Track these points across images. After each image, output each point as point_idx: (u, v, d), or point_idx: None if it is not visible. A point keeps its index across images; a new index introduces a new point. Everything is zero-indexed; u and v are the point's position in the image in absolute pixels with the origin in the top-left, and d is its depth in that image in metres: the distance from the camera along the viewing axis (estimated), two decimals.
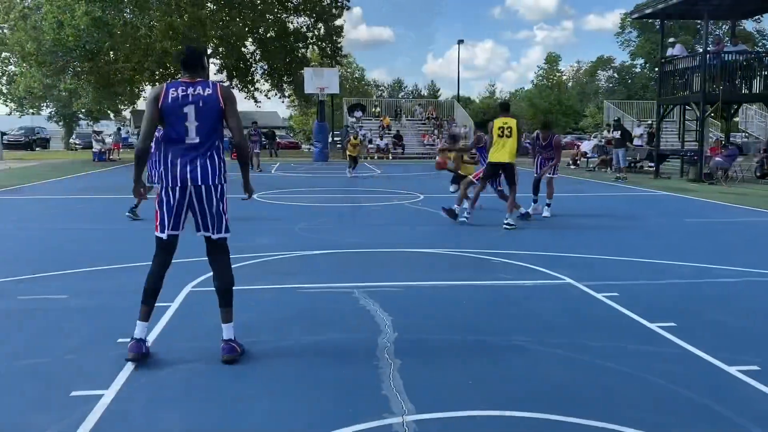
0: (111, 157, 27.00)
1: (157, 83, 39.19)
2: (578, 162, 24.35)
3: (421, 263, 6.71)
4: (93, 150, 26.84)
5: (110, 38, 30.67)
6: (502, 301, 5.21)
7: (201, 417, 3.08)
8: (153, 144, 12.72)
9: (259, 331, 4.39)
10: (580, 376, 3.62)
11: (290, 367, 3.71)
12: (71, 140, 46.60)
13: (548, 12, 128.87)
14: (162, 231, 3.78)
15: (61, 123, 47.83)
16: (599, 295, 5.33)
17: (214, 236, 3.89)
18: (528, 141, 15.05)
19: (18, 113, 43.14)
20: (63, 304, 4.97)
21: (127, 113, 57.61)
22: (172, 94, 3.66)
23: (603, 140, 26.16)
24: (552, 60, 43.02)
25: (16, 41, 32.53)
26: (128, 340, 3.77)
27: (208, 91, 3.69)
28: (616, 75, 65.57)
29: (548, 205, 10.28)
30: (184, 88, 3.68)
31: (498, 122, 8.86)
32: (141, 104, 41.74)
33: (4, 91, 41.40)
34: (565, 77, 43.77)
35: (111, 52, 33.68)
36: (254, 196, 4.05)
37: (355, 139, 21.03)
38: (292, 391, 3.38)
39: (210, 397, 3.31)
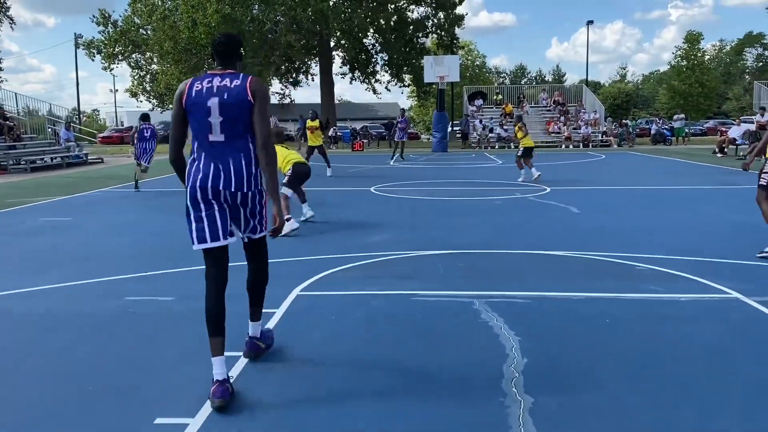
0: None
1: (283, 78, 40.40)
2: (726, 150, 21.94)
3: (551, 268, 5.93)
4: None
5: (238, 34, 31.80)
6: (654, 319, 4.36)
7: None
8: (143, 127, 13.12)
9: (363, 346, 3.88)
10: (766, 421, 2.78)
11: (398, 398, 3.16)
12: None
13: None
14: (200, 242, 3.24)
15: None
16: None
17: (255, 236, 3.50)
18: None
19: (159, 109, 46.08)
20: (168, 307, 4.75)
21: None
22: (197, 87, 3.22)
23: (754, 125, 23.47)
24: (692, 39, 39.21)
25: (156, 41, 34.63)
26: (232, 353, 3.44)
27: (236, 82, 3.21)
28: (766, 53, 59.41)
29: None
30: (210, 79, 3.24)
31: None
32: (273, 99, 43.28)
33: (148, 88, 44.26)
34: (707, 57, 39.79)
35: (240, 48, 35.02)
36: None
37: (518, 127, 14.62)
38: (400, 428, 2.83)
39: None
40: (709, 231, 7.67)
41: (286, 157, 8.17)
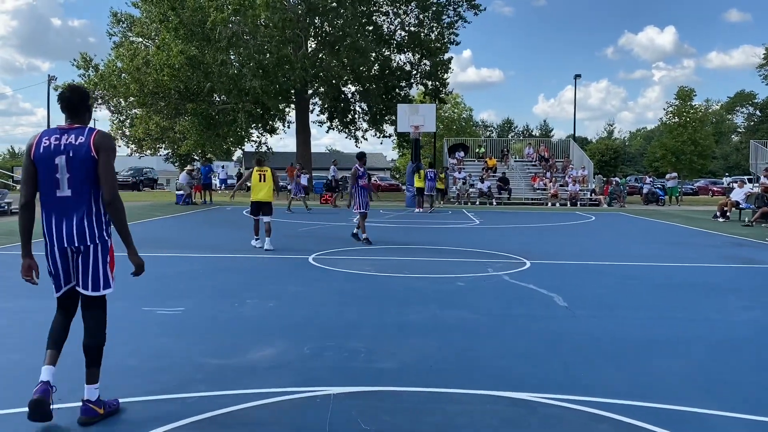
0: (194, 200, 25.54)
1: (257, 123, 38.15)
2: (728, 214, 19.80)
3: None
4: (176, 193, 25.62)
5: (205, 77, 29.79)
6: None
7: None
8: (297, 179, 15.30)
9: None
10: None
11: None
12: (177, 181, 46.55)
13: (666, 51, 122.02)
14: (57, 291, 3.51)
15: (177, 164, 47.49)
16: None
17: (90, 293, 3.46)
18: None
19: (138, 155, 43.48)
20: None
21: (238, 153, 57.82)
22: (44, 143, 3.38)
23: (757, 186, 21.53)
24: (684, 95, 37.73)
25: (122, 84, 32.58)
26: None
27: (81, 139, 3.37)
28: (758, 112, 58.62)
29: None
30: (57, 136, 3.39)
31: None
32: (248, 146, 40.90)
33: (127, 133, 41.63)
34: (699, 115, 38.23)
35: (214, 94, 32.93)
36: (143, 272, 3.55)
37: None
38: None
39: None
40: (753, 351, 5.26)
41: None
